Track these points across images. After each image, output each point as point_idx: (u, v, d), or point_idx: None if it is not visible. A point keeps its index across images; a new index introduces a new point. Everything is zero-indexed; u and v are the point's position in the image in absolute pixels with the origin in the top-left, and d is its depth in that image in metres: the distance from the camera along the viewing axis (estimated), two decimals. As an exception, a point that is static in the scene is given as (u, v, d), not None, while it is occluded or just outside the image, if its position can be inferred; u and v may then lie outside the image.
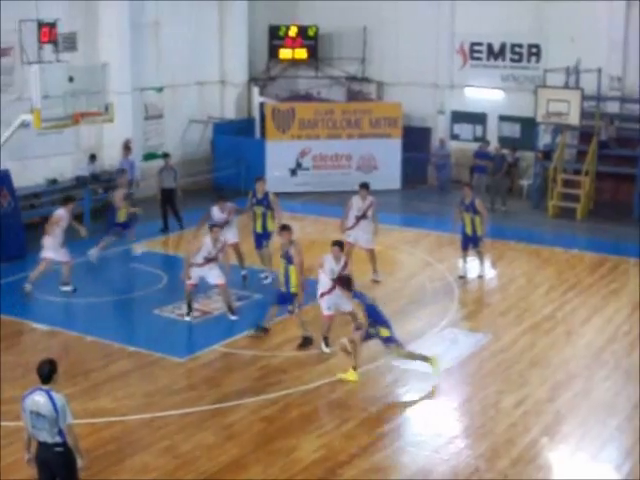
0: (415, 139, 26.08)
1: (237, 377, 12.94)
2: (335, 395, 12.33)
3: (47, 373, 8.58)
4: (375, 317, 12.60)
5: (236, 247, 17.17)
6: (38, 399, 8.51)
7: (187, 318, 15.01)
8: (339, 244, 14.01)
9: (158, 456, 10.60)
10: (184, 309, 15.15)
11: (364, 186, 17.17)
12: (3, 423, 11.20)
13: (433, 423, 11.64)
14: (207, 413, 11.72)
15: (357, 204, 17.05)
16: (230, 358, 13.61)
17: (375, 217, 17.10)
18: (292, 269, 13.94)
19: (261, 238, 17.05)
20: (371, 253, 17.27)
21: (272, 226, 16.93)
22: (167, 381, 12.74)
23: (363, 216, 17.00)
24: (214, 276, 15.00)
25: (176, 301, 15.58)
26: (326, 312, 13.76)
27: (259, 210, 16.98)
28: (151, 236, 19.98)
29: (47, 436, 8.51)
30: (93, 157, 23.00)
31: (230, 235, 16.98)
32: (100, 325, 15.10)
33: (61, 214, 16.51)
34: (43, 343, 14.20)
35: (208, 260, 14.88)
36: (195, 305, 15.39)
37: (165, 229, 20.85)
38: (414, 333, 14.57)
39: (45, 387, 8.55)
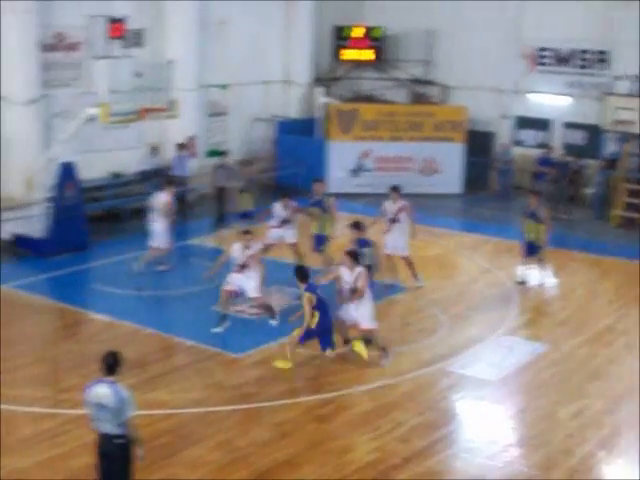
0: (478, 143, 25.85)
1: (292, 375, 12.95)
2: (390, 398, 12.29)
3: (111, 364, 8.59)
4: (323, 310, 12.72)
5: (295, 247, 17.20)
6: (101, 390, 8.53)
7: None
8: (352, 255, 13.47)
9: (211, 450, 10.67)
10: (226, 310, 14.60)
11: (395, 189, 16.87)
12: (62, 410, 11.38)
13: (488, 430, 11.54)
14: (261, 410, 11.77)
15: (389, 207, 16.80)
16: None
17: (411, 222, 16.71)
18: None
19: (317, 240, 17.03)
20: (406, 260, 16.95)
21: (329, 229, 16.94)
22: (223, 376, 12.83)
23: (395, 220, 16.70)
24: (251, 289, 14.59)
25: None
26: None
27: (315, 211, 17.02)
28: (210, 232, 20.06)
29: (109, 427, 8.55)
30: (155, 149, 23.04)
31: (289, 234, 17.05)
32: (160, 318, 15.30)
33: (168, 199, 16.99)
34: (103, 334, 14.36)
35: (242, 266, 14.49)
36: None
37: (223, 225, 20.80)
38: (472, 339, 14.51)
39: (108, 379, 8.57)
